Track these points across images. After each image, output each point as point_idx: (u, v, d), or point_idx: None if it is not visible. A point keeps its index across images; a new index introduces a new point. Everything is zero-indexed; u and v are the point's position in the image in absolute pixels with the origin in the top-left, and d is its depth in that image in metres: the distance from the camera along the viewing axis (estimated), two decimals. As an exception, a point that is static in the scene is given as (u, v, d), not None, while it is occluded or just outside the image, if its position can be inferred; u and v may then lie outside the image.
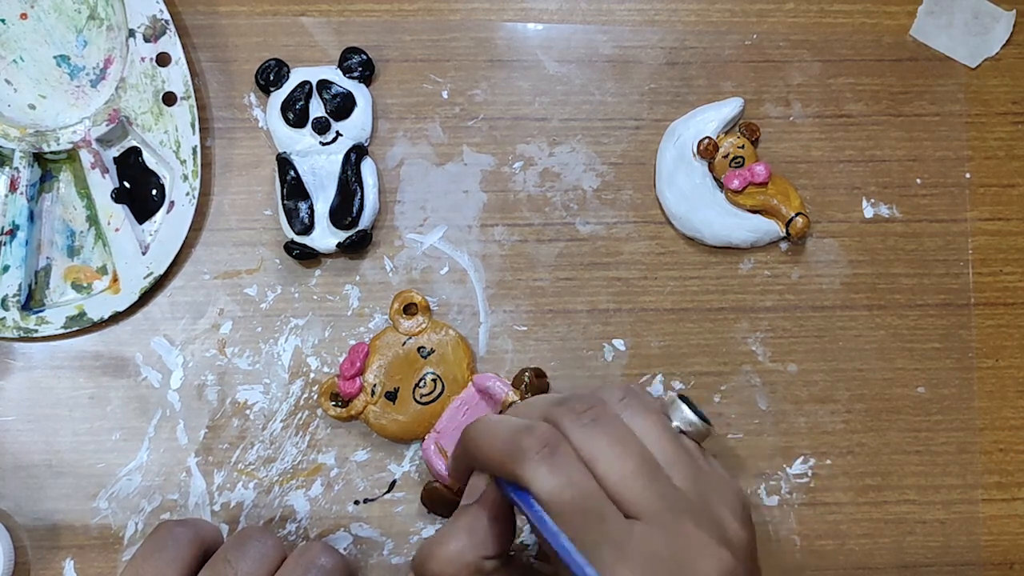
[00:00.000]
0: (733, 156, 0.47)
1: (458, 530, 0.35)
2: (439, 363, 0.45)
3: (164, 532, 0.38)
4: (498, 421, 0.35)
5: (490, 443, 0.34)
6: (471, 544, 0.34)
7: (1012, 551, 0.47)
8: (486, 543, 0.35)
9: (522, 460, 0.32)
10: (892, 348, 0.48)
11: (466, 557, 0.34)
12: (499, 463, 0.33)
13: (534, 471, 0.31)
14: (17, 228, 0.45)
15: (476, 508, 0.35)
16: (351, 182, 0.45)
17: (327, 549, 0.39)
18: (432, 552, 0.35)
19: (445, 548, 0.34)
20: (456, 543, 0.34)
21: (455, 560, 0.34)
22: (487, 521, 0.35)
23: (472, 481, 0.37)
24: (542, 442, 0.32)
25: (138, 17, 0.45)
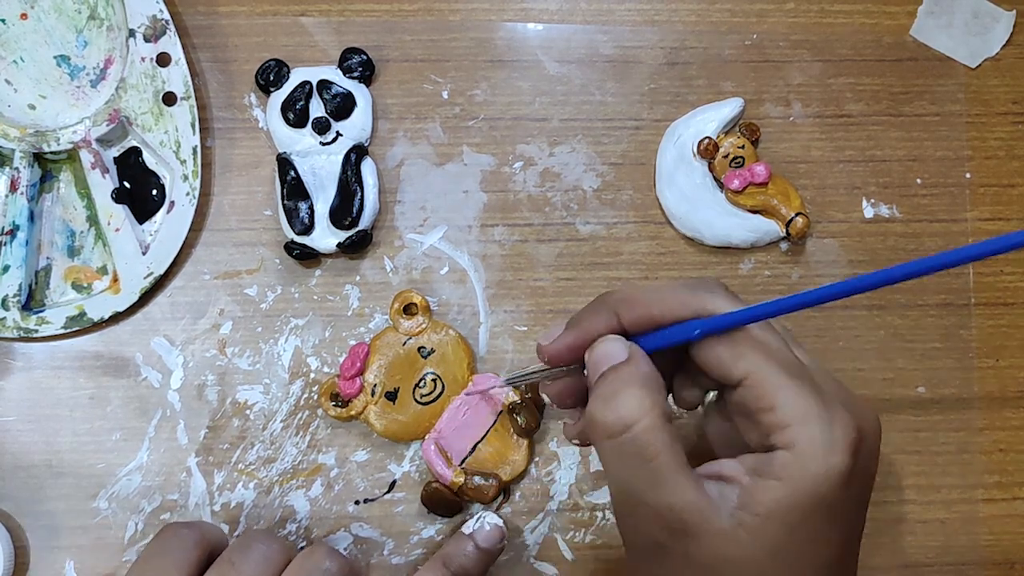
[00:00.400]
0: (733, 156, 0.47)
1: (631, 377, 0.32)
2: (439, 363, 0.45)
3: (169, 534, 0.38)
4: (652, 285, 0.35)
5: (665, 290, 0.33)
6: (654, 388, 0.32)
7: (1012, 551, 0.47)
8: (662, 388, 0.32)
9: (711, 293, 0.33)
10: (892, 348, 0.48)
11: (655, 399, 0.31)
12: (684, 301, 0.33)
13: (724, 301, 0.32)
14: (17, 228, 0.45)
15: (633, 363, 0.33)
16: (351, 182, 0.45)
17: (331, 553, 0.38)
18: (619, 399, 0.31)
19: (633, 392, 0.31)
20: (638, 383, 0.32)
21: (648, 396, 0.31)
22: (652, 371, 0.33)
23: (607, 346, 0.33)
24: (721, 284, 0.34)
25: (138, 17, 0.45)
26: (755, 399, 0.31)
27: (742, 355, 0.31)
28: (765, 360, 0.31)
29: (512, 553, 0.45)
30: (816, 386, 0.31)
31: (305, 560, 0.38)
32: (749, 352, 0.31)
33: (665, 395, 0.33)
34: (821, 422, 0.30)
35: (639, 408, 0.31)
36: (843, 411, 0.30)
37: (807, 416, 0.30)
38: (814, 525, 0.30)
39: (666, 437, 0.31)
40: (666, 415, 0.31)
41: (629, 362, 0.33)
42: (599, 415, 0.32)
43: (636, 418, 0.31)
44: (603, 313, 0.34)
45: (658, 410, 0.31)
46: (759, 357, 0.31)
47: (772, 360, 0.31)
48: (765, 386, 0.31)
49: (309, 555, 0.38)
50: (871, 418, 0.32)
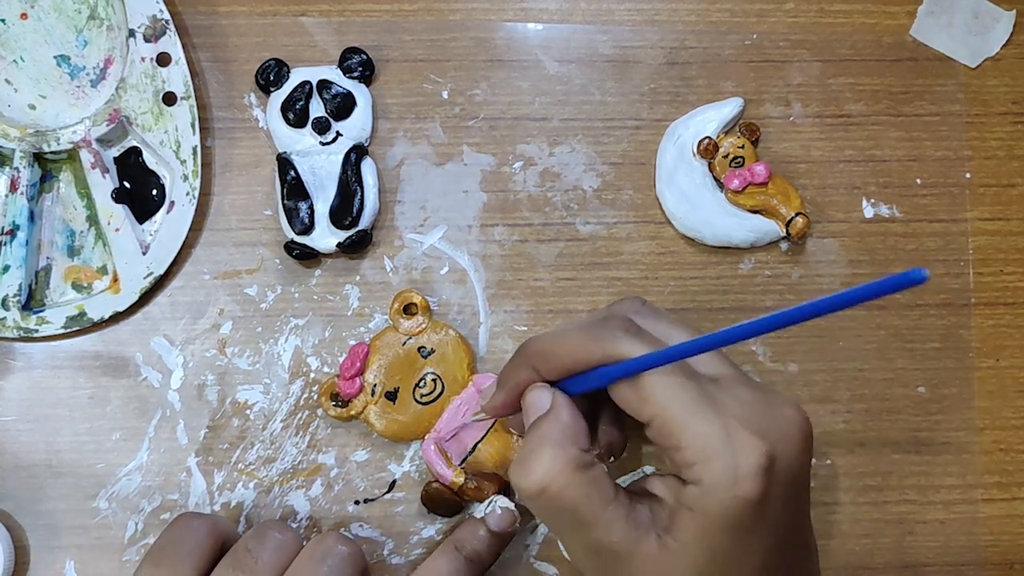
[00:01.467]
0: (733, 156, 0.47)
1: (549, 433, 0.34)
2: (439, 363, 0.45)
3: (182, 524, 0.39)
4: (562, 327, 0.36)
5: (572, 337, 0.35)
6: (568, 440, 0.34)
7: (1012, 551, 0.47)
8: (580, 437, 0.34)
9: (614, 338, 0.33)
10: (892, 348, 0.48)
11: (569, 451, 0.33)
12: (587, 349, 0.34)
13: (628, 344, 0.33)
14: (17, 228, 0.45)
15: (554, 412, 0.35)
16: (351, 182, 0.45)
17: (342, 538, 0.39)
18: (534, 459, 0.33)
19: (545, 451, 0.33)
20: (553, 444, 0.34)
21: (559, 457, 0.33)
22: (571, 418, 0.35)
23: (532, 396, 0.36)
24: (626, 324, 0.34)
25: (138, 17, 0.45)
26: (662, 438, 0.33)
27: (646, 398, 0.33)
28: (668, 401, 0.32)
29: (512, 553, 0.45)
30: (722, 417, 0.32)
31: (317, 545, 0.39)
32: (652, 394, 0.33)
33: (585, 439, 0.35)
34: (724, 456, 0.31)
35: (550, 470, 0.33)
36: (749, 438, 0.31)
37: (710, 453, 0.31)
38: (734, 544, 0.32)
39: (582, 488, 0.33)
40: (579, 464, 0.33)
41: (549, 414, 0.35)
42: (515, 480, 0.34)
43: (548, 481, 0.33)
44: (524, 368, 0.37)
45: (570, 466, 0.33)
46: (662, 398, 0.32)
47: (675, 400, 0.32)
48: (670, 426, 0.32)
49: (321, 541, 0.39)
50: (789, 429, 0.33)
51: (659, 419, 0.32)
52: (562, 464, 0.33)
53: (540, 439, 0.34)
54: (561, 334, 0.35)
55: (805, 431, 0.34)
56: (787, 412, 0.33)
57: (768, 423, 0.32)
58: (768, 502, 0.32)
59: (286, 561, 0.38)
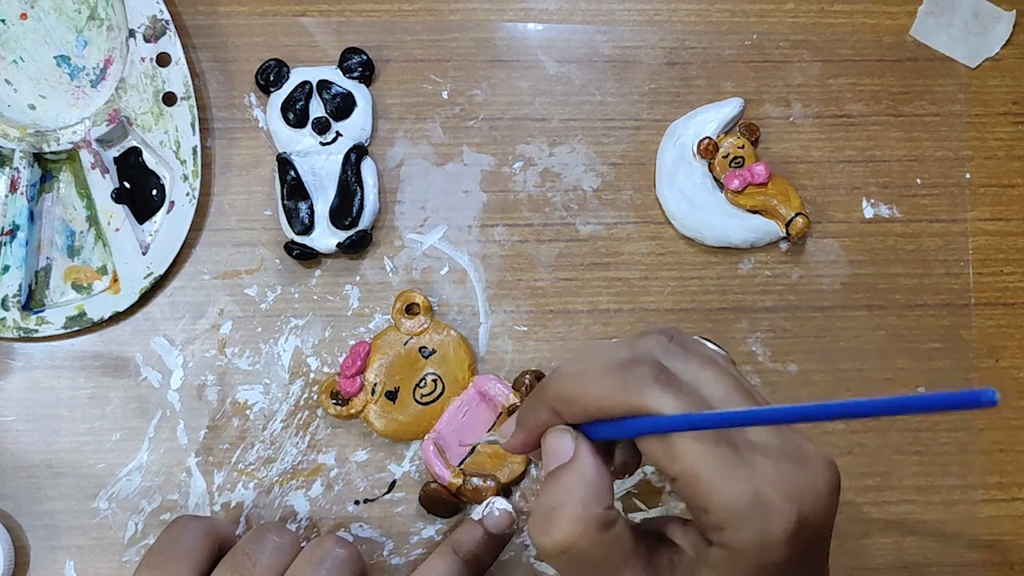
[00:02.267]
0: (733, 156, 0.47)
1: (573, 488, 0.32)
2: (440, 363, 0.45)
3: (180, 526, 0.39)
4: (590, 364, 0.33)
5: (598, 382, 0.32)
6: (592, 498, 0.32)
7: (1012, 551, 0.47)
8: (603, 493, 0.33)
9: (643, 388, 0.31)
10: (892, 348, 0.48)
11: (592, 511, 0.32)
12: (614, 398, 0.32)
13: (658, 396, 0.31)
14: (17, 228, 0.45)
15: (578, 463, 0.33)
16: (351, 182, 0.45)
17: (341, 541, 0.39)
18: (556, 518, 0.32)
19: (569, 509, 0.32)
20: (577, 501, 0.32)
21: (582, 519, 0.32)
22: (595, 472, 0.33)
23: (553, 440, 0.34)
24: (656, 370, 0.32)
25: (138, 17, 0.45)
26: (689, 496, 0.31)
27: (674, 456, 0.31)
28: (698, 461, 0.30)
29: (512, 553, 0.45)
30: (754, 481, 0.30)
31: (316, 548, 0.39)
32: (681, 452, 0.31)
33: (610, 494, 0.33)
34: (754, 523, 0.30)
35: (572, 531, 0.32)
36: (782, 503, 0.30)
37: (740, 519, 0.30)
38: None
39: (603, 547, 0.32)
40: (603, 524, 0.32)
41: (572, 466, 0.33)
42: (536, 538, 0.33)
43: (571, 542, 0.32)
44: (544, 410, 0.34)
45: (592, 527, 0.32)
46: (691, 458, 0.31)
47: (705, 461, 0.30)
48: (698, 486, 0.30)
49: (319, 543, 0.39)
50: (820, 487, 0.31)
51: (687, 478, 0.31)
52: (584, 526, 0.32)
53: (562, 497, 0.32)
54: (585, 376, 0.33)
55: (835, 487, 0.32)
56: (818, 468, 0.32)
57: (800, 483, 0.31)
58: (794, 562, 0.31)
59: (284, 564, 0.38)
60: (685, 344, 0.34)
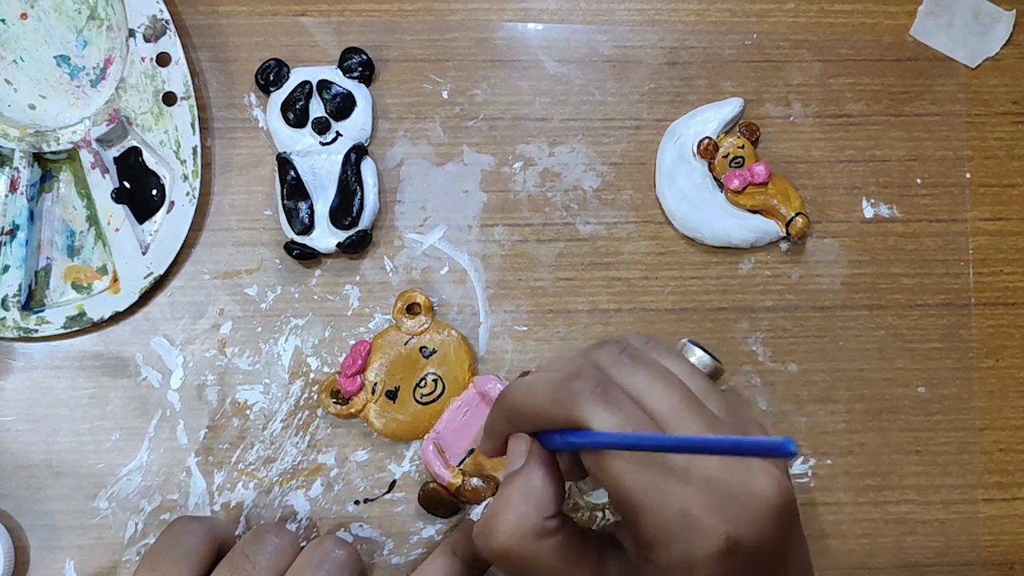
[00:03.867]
0: (733, 156, 0.47)
1: (514, 496, 0.34)
2: (441, 364, 0.45)
3: (179, 527, 0.39)
4: (538, 376, 0.34)
5: (540, 394, 0.33)
6: (531, 507, 0.33)
7: (1012, 551, 0.47)
8: (544, 503, 0.33)
9: (578, 402, 0.32)
10: (892, 348, 0.48)
11: (530, 520, 0.33)
12: (551, 412, 0.33)
13: (592, 410, 0.31)
14: (17, 228, 0.45)
15: (526, 471, 0.34)
16: (351, 182, 0.45)
17: (340, 542, 0.39)
18: (494, 525, 0.33)
19: (506, 517, 0.33)
20: (515, 510, 0.33)
21: (519, 527, 0.33)
22: (540, 481, 0.34)
23: (512, 446, 0.36)
24: (594, 383, 0.32)
25: (138, 17, 0.45)
26: (620, 512, 0.32)
27: (605, 471, 0.31)
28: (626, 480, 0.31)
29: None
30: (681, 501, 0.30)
31: (315, 549, 0.39)
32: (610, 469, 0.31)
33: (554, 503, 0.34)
34: (680, 543, 0.30)
35: (508, 540, 0.33)
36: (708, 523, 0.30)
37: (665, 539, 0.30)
38: None
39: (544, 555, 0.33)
40: (540, 533, 0.33)
41: (521, 473, 0.34)
42: (477, 540, 0.34)
43: (508, 547, 0.33)
44: (502, 420, 0.36)
45: (531, 535, 0.33)
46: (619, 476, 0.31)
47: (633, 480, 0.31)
48: (626, 503, 0.31)
49: (318, 545, 0.39)
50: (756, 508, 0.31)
51: (616, 494, 0.31)
52: (522, 533, 0.33)
53: (503, 504, 0.34)
54: (531, 388, 0.34)
55: (776, 506, 0.31)
56: (759, 487, 0.31)
57: (734, 504, 0.30)
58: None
59: (284, 565, 0.38)
60: (637, 356, 0.34)
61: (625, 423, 0.31)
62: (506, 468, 0.35)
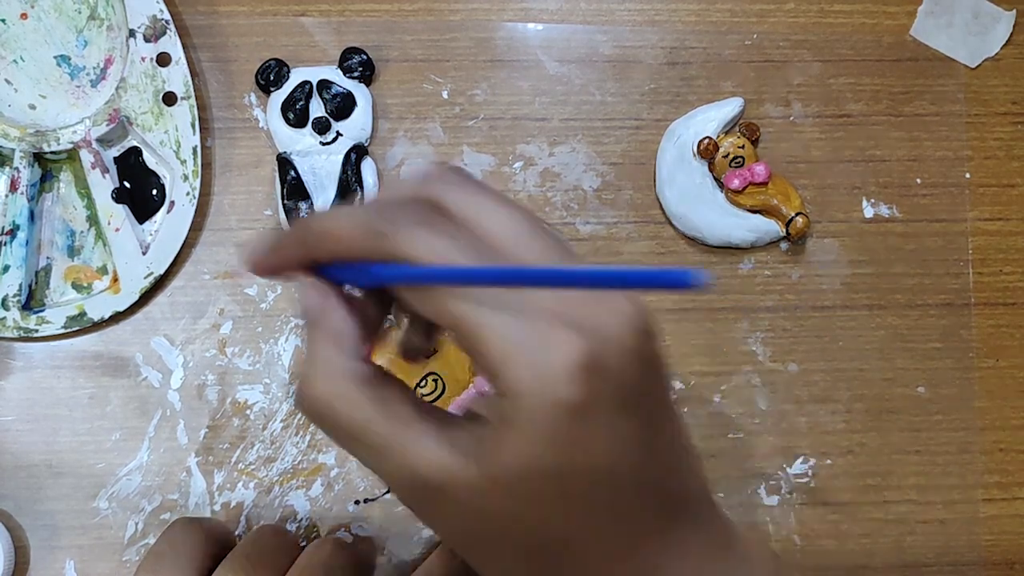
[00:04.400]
0: (733, 156, 0.47)
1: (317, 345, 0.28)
2: (442, 364, 0.45)
3: (179, 529, 0.39)
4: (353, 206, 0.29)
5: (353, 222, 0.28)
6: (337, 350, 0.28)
7: (1012, 551, 0.47)
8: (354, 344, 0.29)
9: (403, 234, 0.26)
10: (892, 348, 0.48)
11: (339, 364, 0.28)
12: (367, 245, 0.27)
13: (410, 237, 0.26)
14: (17, 228, 0.44)
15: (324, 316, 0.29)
16: (351, 182, 0.45)
17: (340, 543, 0.39)
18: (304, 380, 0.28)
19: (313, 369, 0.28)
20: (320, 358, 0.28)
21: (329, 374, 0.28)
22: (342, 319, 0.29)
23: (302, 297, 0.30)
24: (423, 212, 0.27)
25: (138, 17, 0.45)
26: (463, 344, 0.27)
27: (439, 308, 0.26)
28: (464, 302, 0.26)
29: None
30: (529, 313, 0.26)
31: (315, 552, 0.39)
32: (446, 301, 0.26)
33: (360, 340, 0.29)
34: (530, 356, 0.25)
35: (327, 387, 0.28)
36: (561, 333, 0.25)
37: (513, 354, 0.25)
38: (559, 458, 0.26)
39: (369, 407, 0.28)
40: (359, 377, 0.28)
41: (319, 322, 0.29)
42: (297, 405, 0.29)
43: (326, 403, 0.28)
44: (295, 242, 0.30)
45: (347, 380, 0.28)
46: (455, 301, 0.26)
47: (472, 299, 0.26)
48: (469, 331, 0.26)
49: (318, 547, 0.39)
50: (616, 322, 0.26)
51: (457, 327, 0.26)
52: (336, 379, 0.28)
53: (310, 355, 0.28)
54: (341, 212, 0.29)
55: (638, 324, 0.26)
56: (617, 304, 0.26)
57: (590, 318, 0.26)
58: (597, 407, 0.26)
59: (284, 567, 0.38)
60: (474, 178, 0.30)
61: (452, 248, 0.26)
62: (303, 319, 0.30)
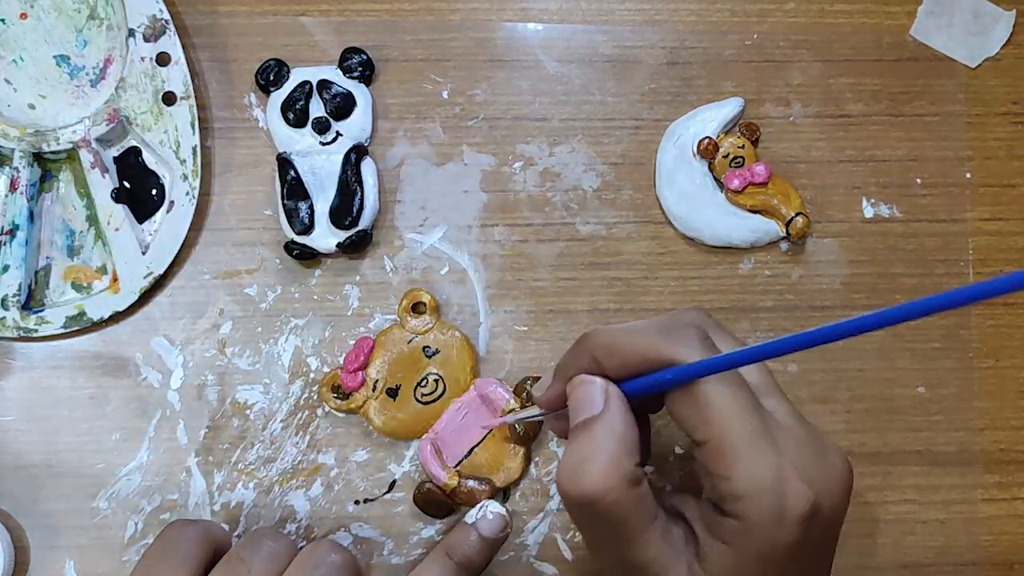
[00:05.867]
0: (733, 156, 0.47)
1: (603, 441, 0.32)
2: (443, 364, 0.45)
3: (175, 531, 0.39)
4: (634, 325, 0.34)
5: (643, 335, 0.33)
6: (623, 451, 0.32)
7: (1012, 551, 0.47)
8: (633, 448, 0.33)
9: (685, 344, 0.32)
10: (892, 348, 0.48)
11: (623, 466, 0.32)
12: (657, 350, 0.32)
13: (703, 353, 0.32)
14: (17, 228, 0.44)
15: (608, 415, 0.33)
16: (351, 182, 0.45)
17: (336, 546, 0.39)
18: (584, 468, 0.32)
19: (597, 462, 0.32)
20: (606, 454, 0.32)
21: (612, 471, 0.32)
22: (628, 425, 0.33)
23: (583, 391, 0.34)
24: (702, 333, 0.33)
25: (138, 17, 0.45)
26: (713, 464, 0.31)
27: (705, 419, 0.31)
28: (729, 425, 0.31)
29: (512, 553, 0.45)
30: (778, 456, 0.31)
31: (311, 553, 0.39)
32: (711, 416, 0.31)
33: (638, 451, 0.33)
34: (772, 497, 0.30)
35: (604, 483, 0.32)
36: (799, 483, 0.31)
37: (759, 491, 0.30)
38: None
39: (630, 504, 0.32)
40: (633, 480, 0.32)
41: (602, 416, 0.33)
42: (565, 486, 0.32)
43: (600, 494, 0.32)
44: (585, 359, 0.34)
45: (624, 480, 0.32)
46: (720, 423, 0.31)
47: (736, 427, 0.31)
48: (723, 453, 0.31)
49: (314, 548, 0.39)
50: (835, 480, 0.33)
51: (715, 442, 0.31)
52: (617, 479, 0.32)
53: (593, 447, 0.32)
54: (631, 330, 0.33)
55: (849, 483, 0.33)
56: (836, 462, 0.33)
57: (818, 471, 0.32)
58: (804, 547, 0.31)
59: (280, 568, 0.38)
60: (719, 323, 0.36)
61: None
62: (575, 414, 0.34)
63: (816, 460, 0.32)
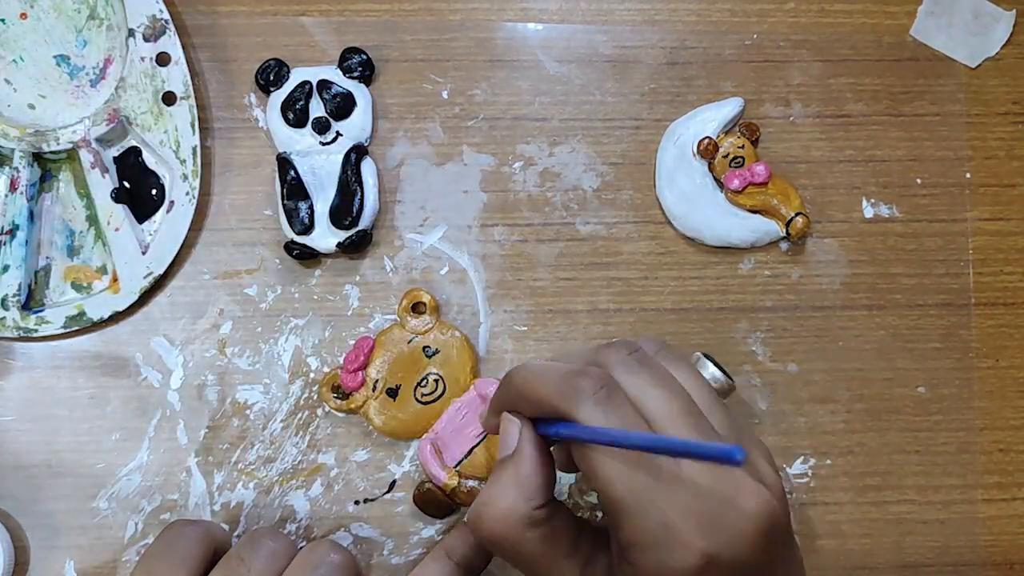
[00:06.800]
0: (733, 156, 0.47)
1: (505, 484, 0.34)
2: (443, 364, 0.45)
3: (174, 531, 0.39)
4: (548, 365, 0.35)
5: (544, 384, 0.34)
6: (520, 497, 0.34)
7: (1012, 551, 0.47)
8: (532, 492, 0.34)
9: (578, 401, 0.32)
10: (892, 348, 0.48)
11: (518, 510, 0.34)
12: (553, 403, 0.33)
13: (591, 411, 0.32)
14: (17, 228, 0.44)
15: (516, 458, 0.35)
16: (351, 182, 0.45)
17: (335, 546, 0.39)
18: (484, 513, 0.34)
19: (496, 506, 0.34)
20: (505, 499, 0.34)
21: (508, 516, 0.34)
22: (530, 469, 0.34)
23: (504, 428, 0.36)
24: (597, 383, 0.32)
25: (138, 17, 0.45)
26: (606, 511, 0.32)
27: (592, 473, 0.32)
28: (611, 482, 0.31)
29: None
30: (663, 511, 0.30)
31: (310, 553, 0.39)
32: (597, 471, 0.32)
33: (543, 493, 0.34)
34: (659, 552, 0.31)
35: (501, 528, 0.34)
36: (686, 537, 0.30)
37: (645, 543, 0.31)
38: None
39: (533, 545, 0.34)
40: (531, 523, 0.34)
41: (512, 459, 0.35)
42: (471, 527, 0.35)
43: (498, 538, 0.34)
44: (507, 399, 0.36)
45: (522, 525, 0.34)
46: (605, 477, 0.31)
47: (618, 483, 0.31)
48: (613, 505, 0.31)
49: (313, 549, 0.39)
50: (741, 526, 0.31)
51: (602, 494, 0.32)
52: (513, 522, 0.34)
53: (496, 490, 0.34)
54: (538, 375, 0.34)
55: (759, 527, 0.31)
56: (745, 505, 0.31)
57: (716, 521, 0.31)
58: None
59: (279, 569, 0.38)
60: (646, 360, 0.35)
61: (617, 424, 0.32)
62: (499, 451, 0.36)
63: (719, 507, 0.31)
